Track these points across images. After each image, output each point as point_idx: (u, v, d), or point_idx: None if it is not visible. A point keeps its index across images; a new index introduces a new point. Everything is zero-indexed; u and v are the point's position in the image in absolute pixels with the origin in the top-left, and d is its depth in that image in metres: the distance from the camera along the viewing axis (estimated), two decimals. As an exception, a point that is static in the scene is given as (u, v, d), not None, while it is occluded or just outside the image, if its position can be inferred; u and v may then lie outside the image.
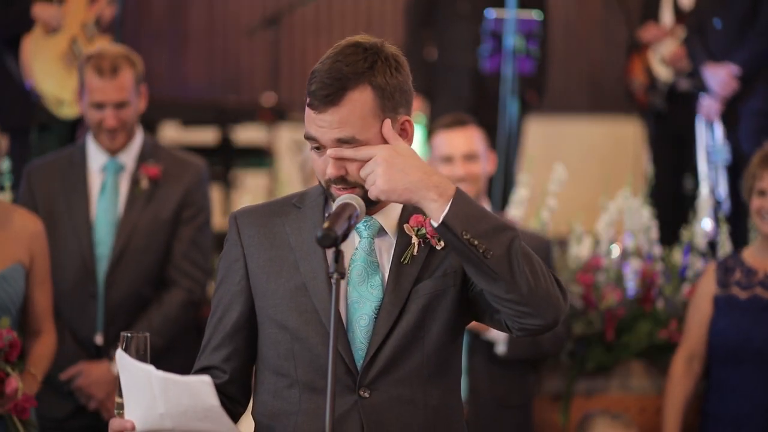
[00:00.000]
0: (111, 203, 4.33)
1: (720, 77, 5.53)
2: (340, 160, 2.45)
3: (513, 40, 6.07)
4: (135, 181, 4.34)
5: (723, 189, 5.57)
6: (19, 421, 3.51)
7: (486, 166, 4.52)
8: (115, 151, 4.33)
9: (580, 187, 6.61)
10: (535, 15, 6.23)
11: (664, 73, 6.58)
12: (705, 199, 5.26)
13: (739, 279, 4.36)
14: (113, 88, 4.22)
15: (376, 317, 2.49)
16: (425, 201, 2.39)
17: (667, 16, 6.66)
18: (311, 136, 2.48)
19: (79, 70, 4.33)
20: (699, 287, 4.49)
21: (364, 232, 2.53)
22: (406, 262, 2.51)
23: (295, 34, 9.21)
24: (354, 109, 2.43)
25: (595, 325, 4.84)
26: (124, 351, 2.48)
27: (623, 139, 8.80)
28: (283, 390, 2.53)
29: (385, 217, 2.54)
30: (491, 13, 6.19)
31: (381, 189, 2.40)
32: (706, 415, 4.44)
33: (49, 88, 5.53)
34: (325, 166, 2.48)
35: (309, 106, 2.47)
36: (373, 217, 2.53)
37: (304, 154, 4.94)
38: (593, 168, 7.95)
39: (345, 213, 2.39)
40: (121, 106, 4.25)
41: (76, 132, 5.75)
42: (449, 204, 2.37)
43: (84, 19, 5.62)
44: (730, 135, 5.59)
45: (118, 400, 2.51)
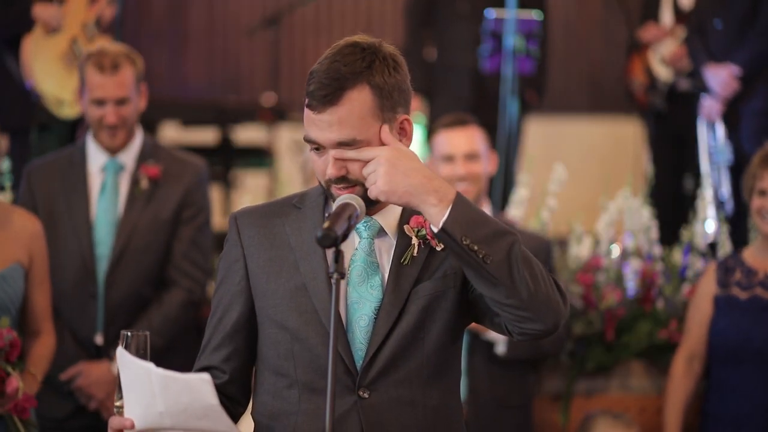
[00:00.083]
0: (111, 203, 4.32)
1: (721, 78, 5.52)
2: (341, 160, 2.45)
3: (513, 40, 6.07)
4: (135, 181, 4.33)
5: (726, 189, 5.57)
6: (19, 421, 3.51)
7: (487, 166, 4.52)
8: (115, 150, 4.33)
9: (580, 187, 6.61)
10: (535, 15, 6.23)
11: (664, 73, 6.58)
12: (707, 200, 5.26)
13: (739, 279, 4.36)
14: (114, 85, 4.22)
15: (375, 318, 2.49)
16: (425, 205, 2.39)
17: (667, 16, 6.66)
18: (311, 138, 2.47)
19: (79, 68, 4.33)
20: (699, 287, 4.49)
21: (364, 233, 2.52)
22: (406, 263, 2.50)
23: (295, 34, 9.21)
24: (353, 108, 2.43)
25: (595, 325, 4.84)
26: (124, 349, 2.48)
27: (623, 139, 8.80)
28: (283, 390, 2.53)
29: (385, 217, 2.54)
30: (491, 13, 6.18)
31: (381, 190, 2.40)
32: (706, 415, 4.44)
33: (49, 88, 5.53)
34: (325, 167, 2.47)
35: (308, 106, 2.46)
36: (373, 218, 2.53)
37: (305, 155, 4.95)
38: (593, 168, 7.95)
39: (345, 213, 2.38)
40: (121, 103, 4.25)
41: (76, 132, 5.74)
42: (449, 209, 2.37)
43: (84, 19, 5.62)
44: (732, 135, 5.59)
45: (117, 402, 2.51)
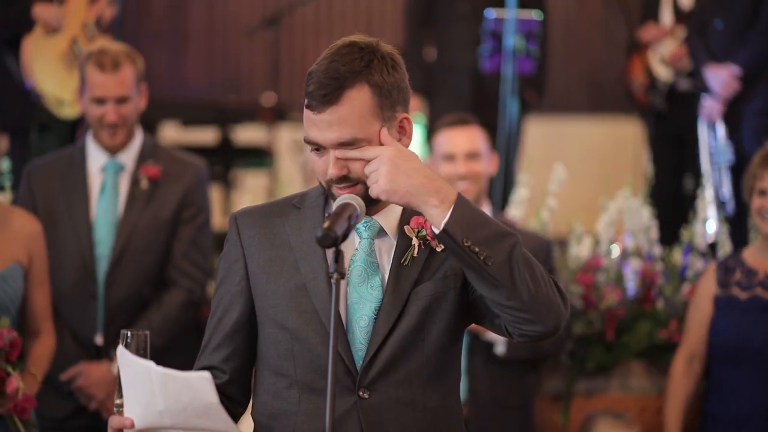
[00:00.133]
0: (111, 203, 4.32)
1: (721, 78, 5.52)
2: (342, 159, 2.45)
3: (513, 40, 6.07)
4: (135, 181, 4.33)
5: (727, 189, 5.57)
6: (19, 421, 3.51)
7: (488, 166, 4.52)
8: (115, 149, 4.33)
9: (580, 187, 6.61)
10: (535, 15, 6.23)
11: (663, 73, 6.58)
12: (707, 200, 5.25)
13: (739, 279, 4.36)
14: (115, 83, 4.22)
15: (375, 318, 2.48)
16: (426, 206, 2.39)
17: (667, 16, 6.66)
18: (311, 139, 2.47)
19: (80, 67, 4.33)
20: (699, 287, 4.49)
21: (364, 233, 2.52)
22: (406, 264, 2.50)
23: (295, 34, 9.21)
24: (353, 108, 2.43)
25: (595, 325, 4.84)
26: (124, 348, 2.48)
27: (623, 139, 8.80)
28: (283, 390, 2.53)
29: (386, 217, 2.53)
30: (491, 13, 6.18)
31: (383, 189, 2.40)
32: (706, 415, 4.44)
33: (49, 88, 5.53)
34: (326, 167, 2.47)
35: (307, 107, 2.46)
36: (374, 218, 2.53)
37: (305, 155, 4.94)
38: (593, 168, 7.95)
39: (345, 213, 2.38)
40: (122, 102, 4.25)
41: (76, 132, 5.74)
42: (450, 210, 2.36)
43: (84, 19, 5.62)
44: (733, 135, 5.59)
45: (117, 401, 2.51)
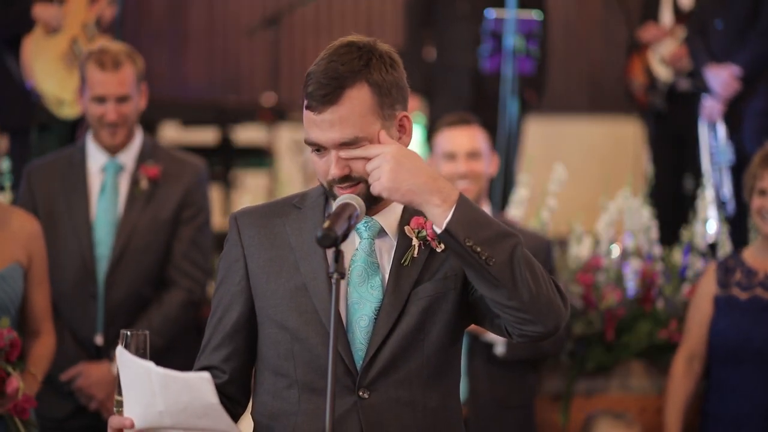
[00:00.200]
0: (111, 203, 4.32)
1: (722, 78, 5.52)
2: (344, 159, 2.45)
3: (513, 40, 6.06)
4: (135, 182, 4.33)
5: (727, 189, 5.57)
6: (19, 421, 3.51)
7: (488, 166, 4.53)
8: (115, 149, 4.33)
9: (580, 187, 6.61)
10: (535, 15, 6.23)
11: (663, 73, 6.58)
12: (707, 200, 5.25)
13: (739, 279, 4.36)
14: (115, 82, 4.22)
15: (375, 318, 2.48)
16: (428, 205, 2.38)
17: (667, 16, 6.66)
18: (312, 140, 2.47)
19: (80, 67, 4.33)
20: (699, 287, 4.49)
21: (364, 233, 2.52)
22: (407, 264, 2.50)
23: (295, 34, 9.21)
24: (353, 107, 2.43)
25: (595, 325, 4.84)
26: (124, 348, 2.48)
27: (623, 139, 8.80)
28: (283, 390, 2.53)
29: (386, 218, 2.53)
30: (491, 13, 6.18)
31: (384, 186, 2.39)
32: (706, 415, 4.44)
33: (49, 88, 5.53)
34: (327, 168, 2.47)
35: (308, 108, 2.46)
36: (374, 218, 2.53)
37: (305, 155, 4.95)
38: (593, 168, 7.95)
39: (345, 213, 2.37)
40: (122, 101, 4.25)
41: (76, 132, 5.74)
42: (452, 210, 2.36)
43: (84, 19, 5.62)
44: (733, 136, 5.59)
45: (117, 398, 2.51)
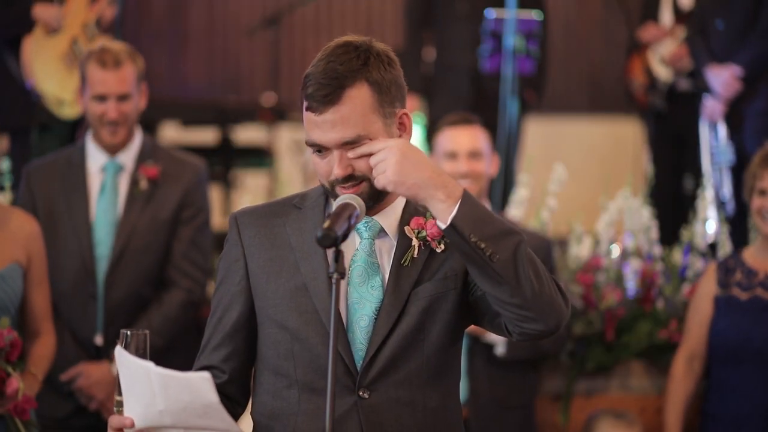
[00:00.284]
0: (110, 203, 4.33)
1: (723, 78, 5.52)
2: (347, 158, 2.45)
3: (513, 40, 6.06)
4: (134, 182, 4.33)
5: (727, 190, 5.57)
6: (20, 422, 3.51)
7: (489, 166, 4.53)
8: (115, 148, 4.33)
9: (580, 187, 6.61)
10: (535, 15, 6.23)
11: (663, 73, 6.58)
12: (707, 200, 5.25)
13: (739, 280, 4.36)
14: (116, 80, 4.23)
15: (376, 318, 2.49)
16: (433, 200, 2.38)
17: (667, 16, 6.66)
18: (314, 141, 2.46)
19: (80, 66, 4.33)
20: (699, 287, 4.49)
21: (364, 233, 2.52)
22: (407, 264, 2.50)
23: (295, 34, 9.21)
24: (355, 106, 2.43)
25: (595, 325, 4.84)
26: (123, 348, 2.48)
27: (623, 139, 8.80)
28: (283, 390, 2.53)
29: (386, 218, 2.53)
30: (491, 13, 6.18)
31: (390, 179, 2.39)
32: (706, 415, 4.44)
33: (49, 88, 5.53)
34: (329, 168, 2.47)
35: (308, 109, 2.46)
36: (374, 218, 2.53)
37: (306, 155, 4.95)
38: (593, 168, 7.95)
39: (345, 213, 2.37)
40: (123, 99, 4.25)
41: (76, 132, 5.74)
42: (457, 205, 2.36)
43: (85, 19, 5.62)
44: (734, 136, 5.59)
45: (117, 398, 2.51)
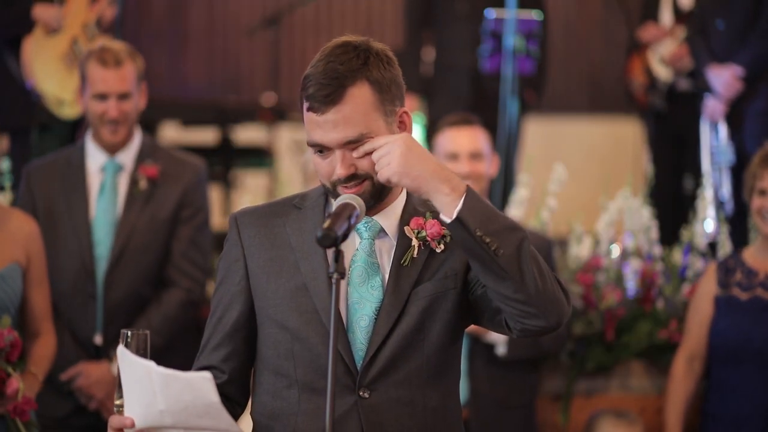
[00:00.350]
0: (110, 203, 4.33)
1: (724, 78, 5.52)
2: (350, 158, 2.45)
3: (513, 40, 6.06)
4: (134, 181, 4.34)
5: (726, 189, 5.57)
6: (20, 422, 3.51)
7: (489, 167, 4.54)
8: (115, 147, 4.33)
9: (580, 187, 6.61)
10: (535, 15, 6.23)
11: (663, 73, 6.58)
12: (707, 200, 5.25)
13: (739, 280, 4.36)
14: (117, 79, 4.23)
15: (376, 318, 2.49)
16: (437, 194, 2.38)
17: (667, 16, 6.66)
18: (316, 141, 2.47)
19: (80, 66, 4.34)
20: (699, 287, 4.49)
21: (364, 233, 2.52)
22: (406, 264, 2.50)
23: (295, 34, 9.20)
24: (356, 105, 2.43)
25: (595, 325, 4.84)
26: (124, 348, 2.48)
27: (623, 139, 8.80)
28: (283, 390, 2.53)
29: (386, 218, 2.54)
30: (491, 13, 6.18)
31: (395, 170, 2.38)
32: (706, 415, 4.44)
33: (49, 88, 5.53)
34: (330, 169, 2.47)
35: (310, 110, 2.46)
36: (374, 218, 2.53)
37: (306, 155, 4.95)
38: (593, 168, 7.95)
39: (345, 213, 2.38)
40: (123, 98, 4.26)
41: (76, 132, 5.74)
42: (462, 199, 2.36)
43: (85, 19, 5.62)
44: (735, 136, 5.59)
45: (117, 401, 2.51)
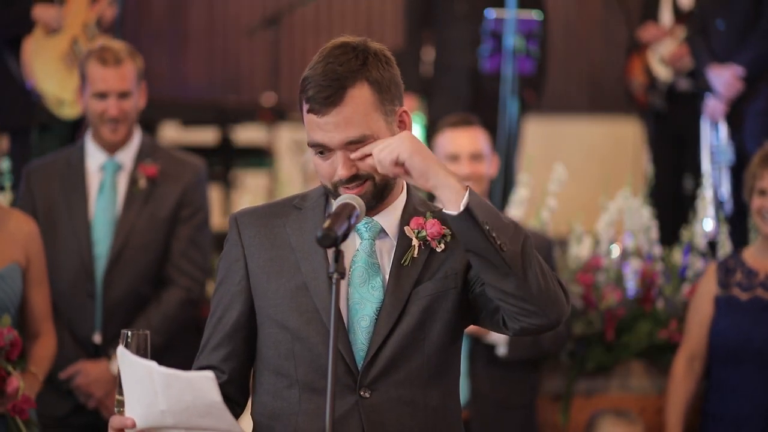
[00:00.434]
0: (109, 202, 4.33)
1: (724, 78, 5.52)
2: (352, 158, 2.45)
3: (513, 40, 6.06)
4: (133, 181, 4.34)
5: (726, 189, 5.57)
6: (20, 421, 3.51)
7: (489, 167, 4.54)
8: (115, 147, 4.33)
9: (580, 187, 6.61)
10: (535, 15, 6.23)
11: (663, 73, 6.58)
12: (707, 200, 5.25)
13: (739, 280, 4.36)
14: (117, 77, 4.23)
15: (377, 318, 2.49)
16: (445, 185, 2.37)
17: (667, 16, 6.66)
18: (317, 142, 2.47)
19: (80, 66, 4.34)
20: (699, 287, 4.49)
21: (365, 234, 2.53)
22: (407, 264, 2.51)
23: (295, 34, 9.21)
24: (357, 106, 2.44)
25: (595, 325, 4.84)
26: (125, 348, 2.48)
27: (623, 139, 8.80)
28: (283, 390, 2.53)
29: (386, 218, 2.54)
30: (491, 13, 6.18)
31: (406, 148, 2.37)
32: (706, 415, 4.44)
33: (49, 88, 5.53)
34: (331, 170, 2.47)
35: (310, 111, 2.46)
36: (374, 219, 2.53)
37: (306, 155, 4.95)
38: (593, 168, 7.95)
39: (345, 212, 2.38)
40: (123, 96, 4.26)
41: (76, 132, 5.74)
42: (467, 192, 2.37)
43: (85, 19, 5.62)
44: (735, 136, 5.59)
45: (118, 397, 2.51)
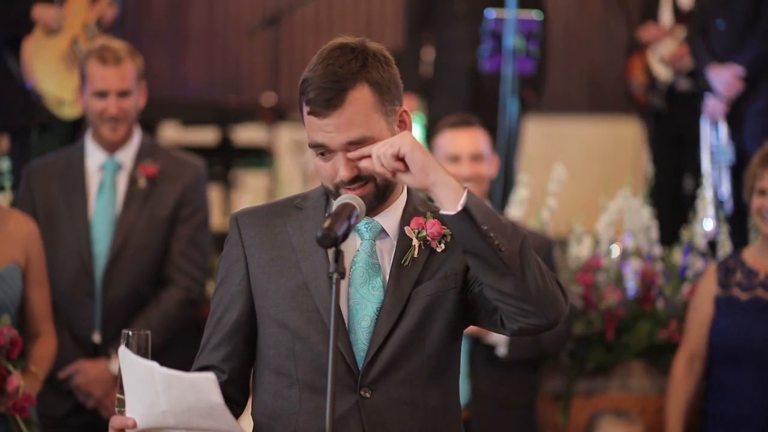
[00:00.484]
0: (109, 202, 4.33)
1: (724, 78, 5.53)
2: (353, 160, 2.45)
3: (513, 40, 6.06)
4: (133, 180, 4.34)
5: (726, 189, 5.57)
6: (21, 420, 3.51)
7: (489, 168, 4.54)
8: (115, 146, 4.34)
9: (580, 187, 6.61)
10: (535, 15, 6.23)
11: (663, 73, 6.58)
12: (706, 199, 5.26)
13: (740, 280, 4.36)
14: (116, 76, 4.24)
15: (377, 318, 2.49)
16: (444, 184, 2.38)
17: (667, 16, 6.66)
18: (318, 143, 2.47)
19: (80, 65, 4.34)
20: (700, 287, 4.49)
21: (365, 234, 2.53)
22: (407, 264, 2.51)
23: (295, 34, 9.21)
24: (358, 108, 2.44)
25: (595, 325, 4.84)
26: (126, 348, 2.48)
27: (623, 139, 8.80)
28: (283, 390, 2.53)
29: (386, 218, 2.54)
30: (491, 13, 6.18)
31: (407, 143, 2.37)
32: (706, 415, 4.44)
33: (49, 88, 5.53)
34: (333, 171, 2.47)
35: (311, 113, 2.46)
36: (375, 219, 2.54)
37: (306, 155, 4.96)
38: (593, 168, 7.95)
39: (345, 212, 2.38)
40: (123, 96, 4.26)
41: (76, 132, 5.74)
42: (465, 193, 2.37)
43: (85, 19, 5.62)
44: (735, 136, 5.59)
45: (119, 396, 2.51)
